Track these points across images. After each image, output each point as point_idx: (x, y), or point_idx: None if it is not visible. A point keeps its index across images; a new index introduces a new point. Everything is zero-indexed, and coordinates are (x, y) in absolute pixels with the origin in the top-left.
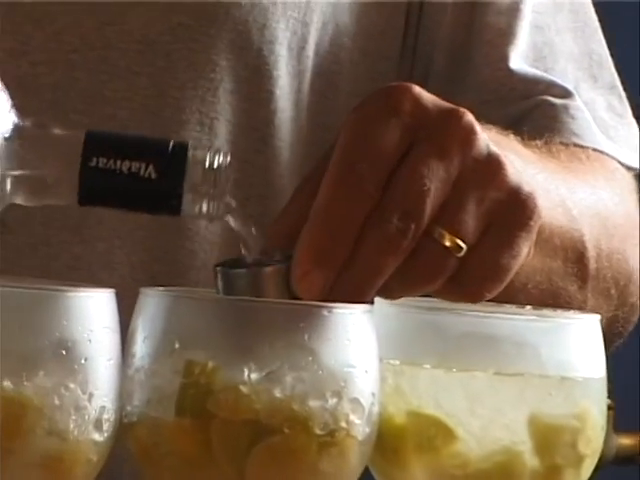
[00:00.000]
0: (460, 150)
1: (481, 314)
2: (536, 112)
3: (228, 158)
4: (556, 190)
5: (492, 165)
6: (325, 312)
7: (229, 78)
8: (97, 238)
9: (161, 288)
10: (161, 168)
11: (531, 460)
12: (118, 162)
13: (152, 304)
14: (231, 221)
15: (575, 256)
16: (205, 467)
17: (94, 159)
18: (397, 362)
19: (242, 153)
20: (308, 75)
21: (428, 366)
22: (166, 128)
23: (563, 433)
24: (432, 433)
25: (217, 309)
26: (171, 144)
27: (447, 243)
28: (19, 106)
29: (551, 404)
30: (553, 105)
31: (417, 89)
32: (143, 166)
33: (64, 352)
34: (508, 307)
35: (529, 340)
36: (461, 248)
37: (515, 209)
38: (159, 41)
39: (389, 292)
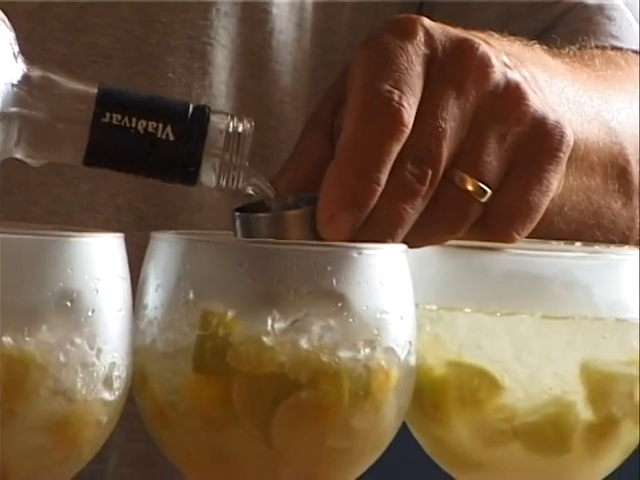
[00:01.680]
0: (476, 85)
1: (526, 252)
2: (569, 16)
3: (251, 125)
4: (590, 102)
5: (512, 97)
6: (355, 253)
7: None
8: (80, 179)
9: (173, 231)
10: (180, 130)
11: (584, 411)
12: (134, 120)
13: (165, 249)
14: (250, 191)
15: (616, 171)
16: (226, 427)
17: (107, 114)
18: (434, 307)
19: (238, 79)
20: None
21: (469, 310)
22: (153, 56)
23: (618, 381)
24: (475, 384)
25: (236, 253)
26: (192, 106)
27: (469, 187)
28: None
29: (605, 349)
30: (587, 6)
31: (427, 20)
32: (161, 126)
33: (69, 304)
34: (555, 244)
35: (579, 279)
36: (485, 192)
37: (541, 141)
38: None
39: (410, 242)
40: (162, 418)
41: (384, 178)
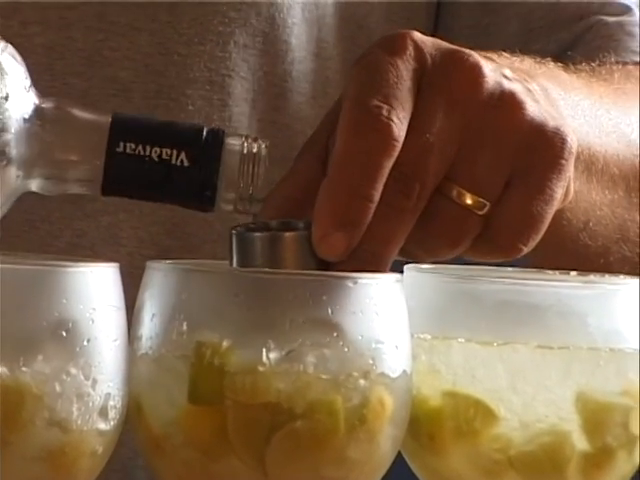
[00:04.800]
0: (467, 97)
1: (521, 281)
2: (589, 34)
3: (266, 146)
4: (607, 115)
5: (507, 105)
6: (350, 283)
7: (240, 30)
8: (101, 211)
9: (169, 261)
10: (195, 156)
11: (580, 441)
12: (147, 148)
13: (160, 279)
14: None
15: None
16: (222, 457)
17: (121, 144)
18: (428, 336)
19: (260, 112)
20: (330, 21)
21: (462, 340)
22: (172, 88)
23: (614, 411)
24: (470, 414)
25: (231, 283)
26: (205, 130)
27: (467, 201)
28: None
29: (600, 379)
30: (607, 24)
31: (417, 34)
32: (175, 153)
33: (64, 333)
34: (551, 273)
35: (574, 309)
36: (484, 205)
37: (541, 149)
38: None
39: (412, 256)
40: (157, 448)
41: (377, 194)
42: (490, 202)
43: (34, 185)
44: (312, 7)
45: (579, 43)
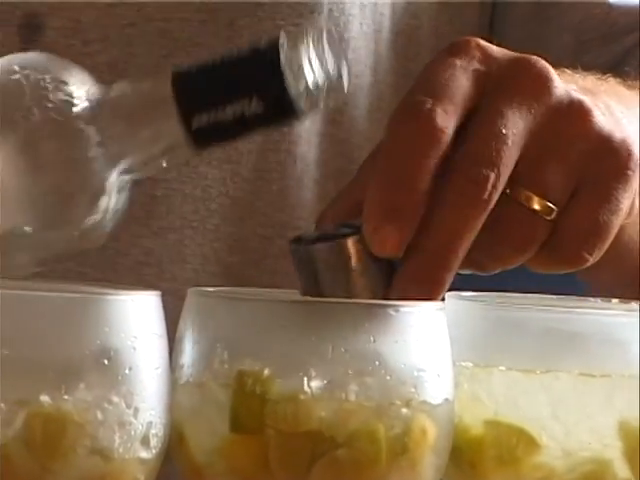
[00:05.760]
0: (536, 99)
1: (563, 309)
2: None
3: (325, 30)
4: None
5: (575, 113)
6: (392, 311)
7: None
8: (167, 229)
9: (211, 288)
10: (265, 94)
11: (621, 470)
12: (220, 110)
13: (201, 306)
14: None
15: None
16: None
17: (195, 118)
18: (469, 364)
19: (318, 126)
20: (385, 35)
21: (504, 368)
22: None
23: None
24: (513, 443)
25: (272, 311)
26: (262, 59)
27: (535, 206)
28: None
29: None
30: None
31: (483, 41)
32: (246, 103)
33: (106, 362)
34: (592, 301)
35: (617, 337)
36: (552, 210)
37: (608, 159)
38: (221, 9)
39: (478, 265)
40: (199, 477)
41: (423, 184)
42: (558, 207)
43: (135, 172)
44: (369, 21)
45: (629, 56)
